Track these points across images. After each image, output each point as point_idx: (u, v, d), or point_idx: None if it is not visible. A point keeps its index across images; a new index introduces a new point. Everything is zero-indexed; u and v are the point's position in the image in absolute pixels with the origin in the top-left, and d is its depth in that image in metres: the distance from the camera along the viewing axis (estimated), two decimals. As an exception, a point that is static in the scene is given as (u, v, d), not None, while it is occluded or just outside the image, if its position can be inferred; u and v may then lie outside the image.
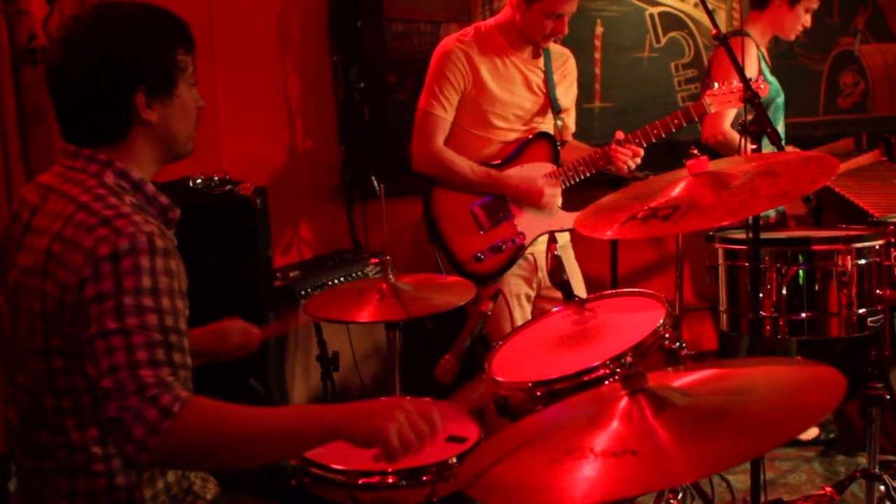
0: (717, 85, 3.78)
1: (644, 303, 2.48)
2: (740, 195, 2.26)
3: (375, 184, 4.28)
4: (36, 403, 1.93)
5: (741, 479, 3.67)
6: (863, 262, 3.10)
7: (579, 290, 3.81)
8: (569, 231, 3.75)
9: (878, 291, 3.11)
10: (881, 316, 3.13)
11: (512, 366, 2.40)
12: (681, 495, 2.65)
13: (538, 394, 2.19)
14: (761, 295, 3.09)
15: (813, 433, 4.44)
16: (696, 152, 2.45)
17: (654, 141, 3.71)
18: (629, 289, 2.63)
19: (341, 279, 4.12)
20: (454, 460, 2.25)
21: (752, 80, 3.83)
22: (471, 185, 3.71)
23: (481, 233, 3.71)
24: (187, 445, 1.75)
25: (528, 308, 3.81)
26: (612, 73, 5.12)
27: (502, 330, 3.43)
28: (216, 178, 3.79)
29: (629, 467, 1.46)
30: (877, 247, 3.13)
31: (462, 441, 2.36)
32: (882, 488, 3.30)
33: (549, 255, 2.58)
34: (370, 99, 4.83)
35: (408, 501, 2.26)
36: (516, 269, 3.75)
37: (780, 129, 4.35)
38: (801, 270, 3.10)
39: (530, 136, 3.77)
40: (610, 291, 2.68)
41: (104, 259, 1.78)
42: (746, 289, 3.19)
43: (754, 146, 2.79)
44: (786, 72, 4.76)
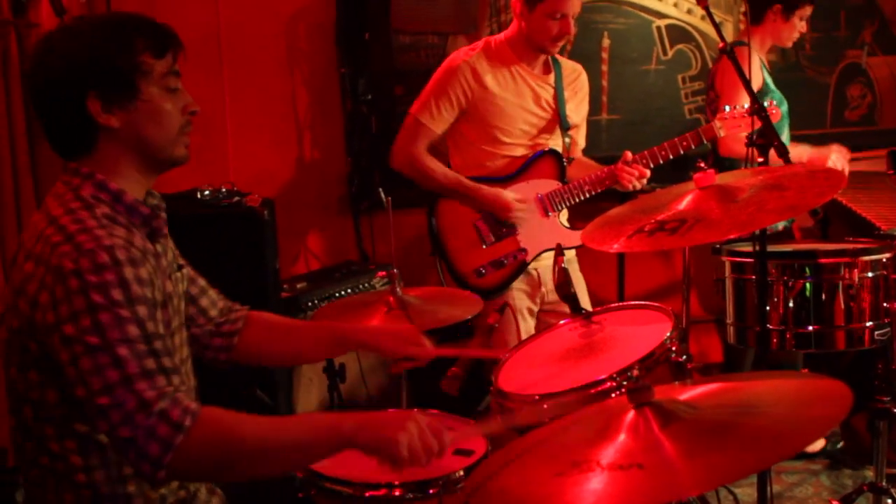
0: (728, 108, 3.77)
1: (651, 316, 2.48)
2: (747, 208, 2.26)
3: (382, 195, 4.28)
4: (20, 414, 1.94)
5: (748, 492, 3.65)
6: (870, 274, 3.10)
7: (584, 305, 3.80)
8: (573, 247, 3.75)
9: (885, 304, 3.12)
10: (888, 329, 3.13)
11: (518, 378, 2.40)
12: (687, 508, 2.65)
13: (545, 406, 2.19)
14: (768, 308, 3.10)
15: (819, 444, 4.43)
16: (702, 165, 2.45)
17: (661, 162, 3.71)
18: (636, 302, 2.62)
19: (348, 291, 4.12)
20: (461, 473, 2.26)
21: (766, 104, 3.84)
22: (442, 190, 3.74)
23: (484, 247, 3.71)
24: (202, 458, 1.75)
25: (531, 322, 3.80)
26: (619, 86, 5.13)
27: (509, 343, 3.43)
28: (224, 189, 3.80)
29: (635, 480, 1.46)
30: (884, 260, 3.13)
31: (469, 454, 2.36)
32: (889, 502, 3.30)
33: (557, 268, 2.58)
34: (377, 111, 4.85)
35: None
36: (519, 284, 3.75)
37: (785, 138, 4.36)
38: (808, 283, 3.11)
39: (537, 153, 3.77)
40: (616, 304, 2.68)
41: (69, 275, 1.77)
42: (753, 302, 3.19)
43: (761, 159, 2.79)
44: (793, 84, 4.77)
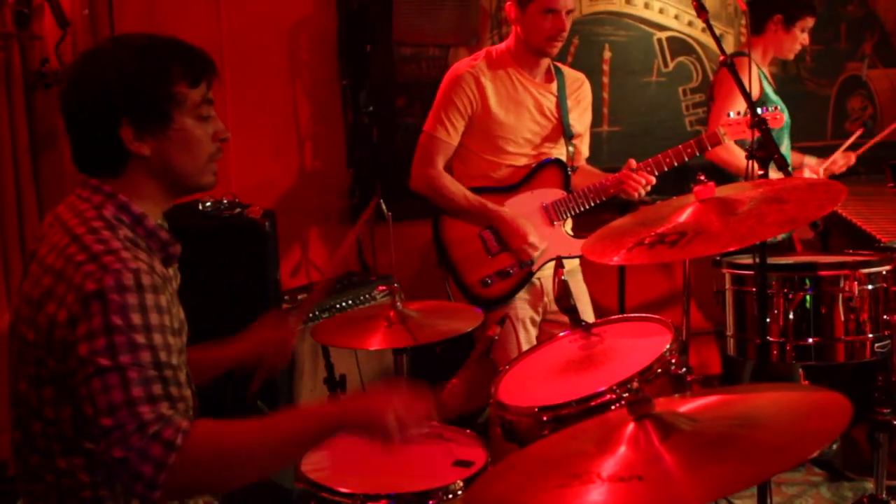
0: (731, 114, 3.78)
1: (650, 328, 2.48)
2: (747, 221, 2.27)
3: (383, 207, 4.30)
4: (27, 427, 1.94)
5: (748, 503, 3.66)
6: (870, 287, 3.11)
7: (587, 315, 3.81)
8: (578, 256, 3.76)
9: (885, 317, 3.12)
10: (888, 341, 3.13)
11: (518, 390, 2.41)
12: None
13: (544, 419, 2.20)
14: (768, 320, 3.10)
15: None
16: (703, 178, 2.46)
17: (666, 170, 3.71)
18: (636, 314, 2.63)
19: (349, 302, 4.13)
20: (460, 484, 2.26)
21: (770, 109, 3.85)
22: (462, 213, 3.70)
23: (490, 257, 3.71)
24: (196, 473, 1.75)
25: (533, 332, 3.80)
26: (620, 98, 5.14)
27: (509, 355, 3.42)
28: (225, 200, 3.81)
29: (636, 492, 1.47)
30: (884, 272, 3.13)
31: (468, 465, 2.36)
32: (890, 514, 3.30)
33: (556, 280, 2.59)
34: (379, 122, 4.85)
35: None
36: (522, 294, 3.74)
37: (785, 149, 4.37)
38: (807, 296, 3.11)
39: (541, 162, 3.77)
40: (616, 316, 2.69)
41: (91, 296, 1.77)
42: (753, 314, 3.19)
43: (762, 171, 2.80)
44: (793, 96, 4.77)
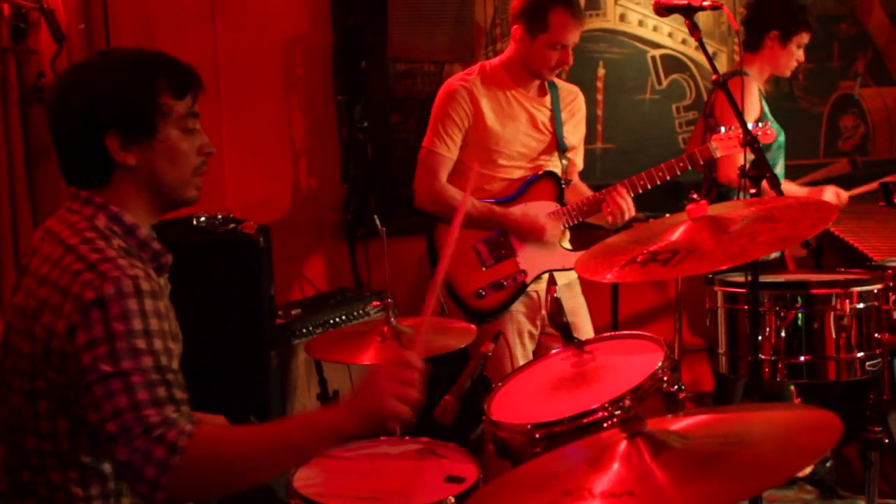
0: (723, 129, 3.80)
1: (643, 345, 2.49)
2: (739, 240, 2.28)
3: (378, 222, 4.31)
4: (18, 442, 1.94)
5: (740, 521, 3.66)
6: (861, 305, 3.11)
7: (585, 327, 3.83)
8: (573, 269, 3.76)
9: (876, 335, 3.12)
10: (880, 360, 3.14)
11: (511, 407, 2.41)
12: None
13: (537, 436, 2.20)
14: (760, 338, 3.10)
15: (808, 469, 4.42)
16: (695, 196, 2.47)
17: (658, 184, 3.73)
18: (628, 331, 2.64)
19: (343, 317, 4.13)
20: (452, 500, 2.26)
21: (760, 125, 3.87)
22: (473, 222, 3.70)
23: (483, 269, 3.72)
24: (199, 476, 1.76)
25: (530, 346, 3.80)
26: (613, 115, 5.16)
27: (503, 371, 3.43)
28: (220, 216, 3.82)
29: (627, 510, 1.47)
30: (875, 290, 3.14)
31: (460, 481, 2.36)
32: (881, 531, 3.30)
33: (549, 298, 2.60)
34: (373, 138, 4.87)
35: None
36: (519, 307, 3.75)
37: (780, 168, 4.38)
38: (799, 314, 3.12)
39: (534, 175, 3.78)
40: (609, 334, 2.69)
41: (91, 304, 1.78)
42: (745, 332, 3.19)
43: (753, 190, 2.81)
44: (786, 114, 4.79)
